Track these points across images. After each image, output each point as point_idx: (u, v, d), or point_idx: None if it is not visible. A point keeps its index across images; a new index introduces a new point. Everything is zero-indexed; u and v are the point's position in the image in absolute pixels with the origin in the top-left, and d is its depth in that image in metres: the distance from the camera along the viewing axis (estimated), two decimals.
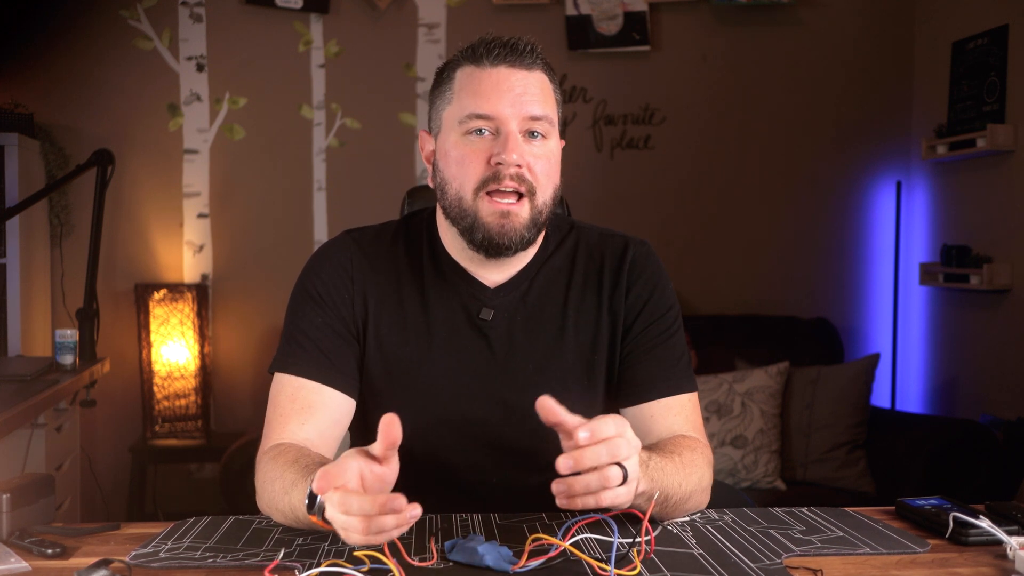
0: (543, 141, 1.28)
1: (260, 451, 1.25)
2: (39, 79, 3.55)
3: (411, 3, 3.71)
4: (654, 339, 1.34)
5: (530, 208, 1.27)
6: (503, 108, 1.25)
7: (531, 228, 1.28)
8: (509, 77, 1.26)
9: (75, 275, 3.38)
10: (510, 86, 1.26)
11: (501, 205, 1.25)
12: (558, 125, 1.32)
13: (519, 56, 1.27)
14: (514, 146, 1.24)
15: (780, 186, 3.87)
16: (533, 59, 1.28)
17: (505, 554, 1.01)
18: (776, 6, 3.79)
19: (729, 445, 3.06)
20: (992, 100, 3.35)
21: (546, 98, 1.28)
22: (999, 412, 3.27)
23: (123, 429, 3.61)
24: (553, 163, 1.29)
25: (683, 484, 1.17)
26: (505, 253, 1.28)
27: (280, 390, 1.30)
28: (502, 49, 1.27)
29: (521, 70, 1.27)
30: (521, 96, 1.26)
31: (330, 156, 3.72)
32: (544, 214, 1.29)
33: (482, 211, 1.26)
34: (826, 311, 3.81)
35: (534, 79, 1.28)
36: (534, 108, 1.26)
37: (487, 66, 1.27)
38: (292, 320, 1.34)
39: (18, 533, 1.12)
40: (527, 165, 1.26)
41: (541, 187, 1.27)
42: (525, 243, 1.28)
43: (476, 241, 1.28)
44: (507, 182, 1.25)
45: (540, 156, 1.27)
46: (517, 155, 1.24)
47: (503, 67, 1.27)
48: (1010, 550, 1.05)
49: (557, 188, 1.31)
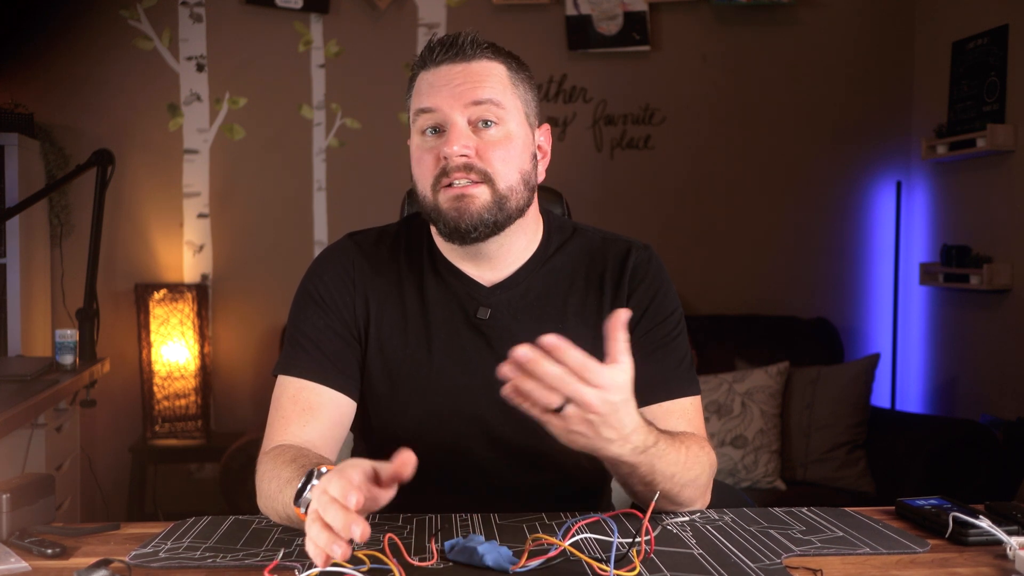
0: (497, 126, 1.28)
1: (261, 452, 1.26)
2: (39, 79, 3.55)
3: (411, 3, 3.71)
4: (656, 343, 1.34)
5: (491, 192, 1.27)
6: (442, 100, 1.27)
7: (494, 211, 1.27)
8: (450, 71, 1.29)
9: (75, 275, 3.38)
10: (449, 79, 1.28)
11: (454, 189, 1.26)
12: (524, 108, 1.32)
13: (459, 50, 1.29)
14: (455, 138, 1.26)
15: (780, 186, 3.87)
16: (474, 50, 1.30)
17: (505, 554, 1.01)
18: (776, 6, 3.79)
19: (729, 445, 3.06)
20: (992, 100, 3.35)
21: (492, 83, 1.29)
22: (999, 412, 3.27)
23: (123, 429, 3.61)
24: (513, 147, 1.29)
25: (685, 462, 1.19)
26: (470, 238, 1.28)
27: (282, 392, 1.30)
28: (442, 47, 1.30)
29: (461, 63, 1.29)
30: (460, 86, 1.28)
31: (330, 156, 3.72)
32: (512, 199, 1.28)
33: (440, 202, 1.28)
34: (826, 311, 3.81)
35: (476, 68, 1.29)
36: (476, 93, 1.27)
37: (431, 66, 1.31)
38: (294, 323, 1.35)
39: (18, 533, 1.12)
40: (477, 152, 1.26)
41: (499, 172, 1.27)
42: (488, 225, 1.27)
43: (445, 233, 1.29)
44: (456, 174, 1.26)
45: (494, 141, 1.27)
46: (459, 146, 1.25)
47: (444, 65, 1.30)
48: (1010, 550, 1.05)
49: (527, 172, 1.31)
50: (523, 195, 1.30)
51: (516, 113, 1.31)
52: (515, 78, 1.32)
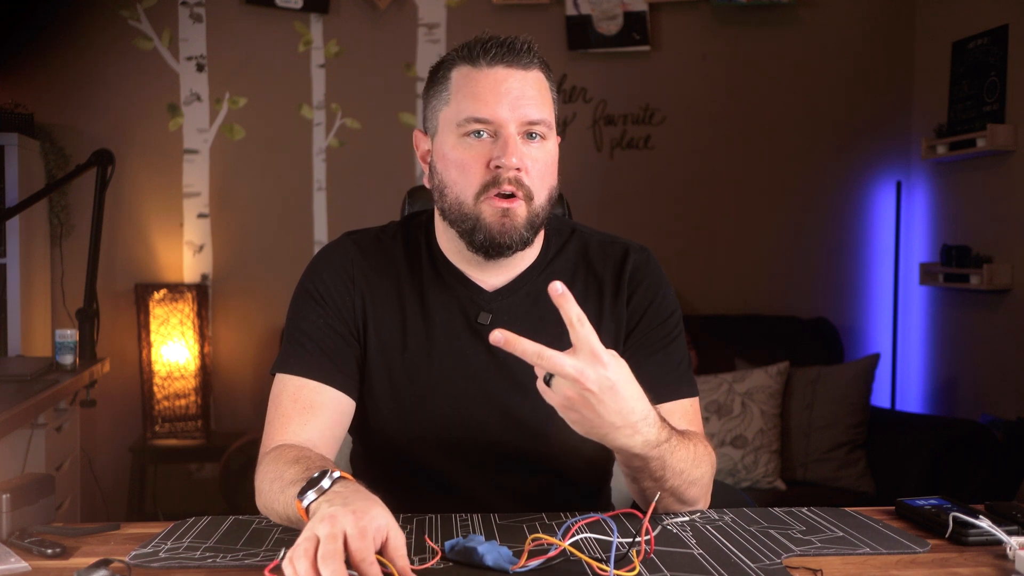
0: (541, 143, 1.27)
1: (261, 452, 1.25)
2: (39, 79, 3.55)
3: (411, 3, 3.72)
4: (654, 344, 1.34)
5: (528, 209, 1.26)
6: (501, 111, 1.24)
7: (529, 228, 1.27)
8: (507, 78, 1.25)
9: (75, 275, 3.39)
10: (508, 88, 1.25)
11: (502, 202, 1.24)
12: (555, 124, 1.31)
13: (516, 56, 1.26)
14: (513, 149, 1.23)
15: (780, 186, 3.87)
16: (530, 58, 1.27)
17: (505, 554, 1.01)
18: (776, 6, 3.79)
19: (729, 445, 3.06)
20: (992, 100, 3.35)
21: (544, 99, 1.28)
22: (999, 412, 3.27)
23: (123, 429, 3.61)
24: (550, 165, 1.29)
25: (694, 459, 1.19)
26: (505, 253, 1.28)
27: (281, 390, 1.29)
28: (499, 49, 1.25)
29: (519, 70, 1.26)
30: (519, 99, 1.25)
31: (330, 156, 3.72)
32: (541, 216, 1.28)
33: (484, 212, 1.25)
34: (826, 311, 3.81)
35: (532, 79, 1.27)
36: (532, 112, 1.25)
37: (484, 67, 1.26)
38: (293, 321, 1.34)
39: (18, 533, 1.12)
40: (525, 168, 1.25)
41: (536, 190, 1.26)
42: (524, 243, 1.28)
43: (476, 242, 1.27)
44: (505, 186, 1.24)
45: (537, 159, 1.26)
46: (516, 159, 1.23)
47: (500, 67, 1.25)
48: (1010, 550, 1.05)
49: (553, 189, 1.30)
50: (548, 211, 1.30)
51: (553, 129, 1.30)
52: (552, 90, 1.31)
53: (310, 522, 0.93)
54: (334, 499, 0.97)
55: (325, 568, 0.86)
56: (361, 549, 0.88)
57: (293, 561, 0.88)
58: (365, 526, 0.90)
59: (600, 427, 1.05)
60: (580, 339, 1.01)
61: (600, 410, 1.03)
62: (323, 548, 0.87)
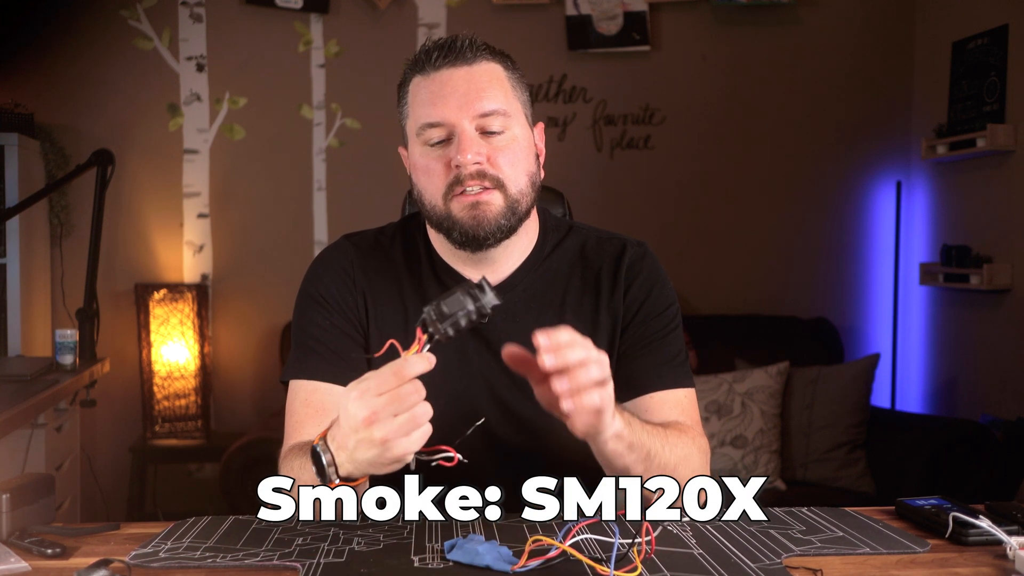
0: (502, 134, 1.27)
1: (280, 455, 1.27)
2: (39, 79, 3.55)
3: (411, 3, 3.71)
4: (650, 336, 1.35)
5: (504, 197, 1.27)
6: (449, 112, 1.25)
7: (508, 216, 1.27)
8: (451, 78, 1.27)
9: (75, 275, 3.38)
10: (453, 87, 1.26)
11: (469, 197, 1.25)
12: (523, 109, 1.31)
13: (459, 53, 1.27)
14: (467, 146, 1.24)
15: (780, 186, 3.87)
16: (474, 52, 1.28)
17: (505, 554, 1.01)
18: (776, 6, 3.79)
19: (729, 445, 3.06)
20: (992, 100, 3.35)
21: (495, 87, 1.28)
22: (999, 412, 3.27)
23: (123, 429, 3.61)
24: (520, 151, 1.29)
25: (665, 448, 1.19)
26: (485, 244, 1.28)
27: (294, 397, 1.31)
28: (440, 51, 1.27)
29: (463, 67, 1.27)
30: (466, 95, 1.26)
31: (330, 156, 3.72)
32: (523, 202, 1.29)
33: (454, 210, 1.27)
34: (826, 311, 3.81)
35: (479, 72, 1.28)
36: (483, 104, 1.26)
37: (431, 72, 1.28)
38: (299, 326, 1.36)
39: (18, 533, 1.12)
40: (487, 159, 1.25)
41: (509, 177, 1.27)
42: (502, 231, 1.28)
43: (457, 240, 1.29)
44: (469, 182, 1.25)
45: (502, 147, 1.27)
46: (472, 154, 1.24)
47: (445, 69, 1.27)
48: (1010, 550, 1.05)
49: (533, 174, 1.31)
50: (531, 196, 1.31)
51: (519, 116, 1.30)
52: (512, 78, 1.32)
53: (334, 427, 1.05)
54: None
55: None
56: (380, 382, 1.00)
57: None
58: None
59: (603, 420, 1.09)
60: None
61: (608, 403, 1.08)
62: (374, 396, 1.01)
